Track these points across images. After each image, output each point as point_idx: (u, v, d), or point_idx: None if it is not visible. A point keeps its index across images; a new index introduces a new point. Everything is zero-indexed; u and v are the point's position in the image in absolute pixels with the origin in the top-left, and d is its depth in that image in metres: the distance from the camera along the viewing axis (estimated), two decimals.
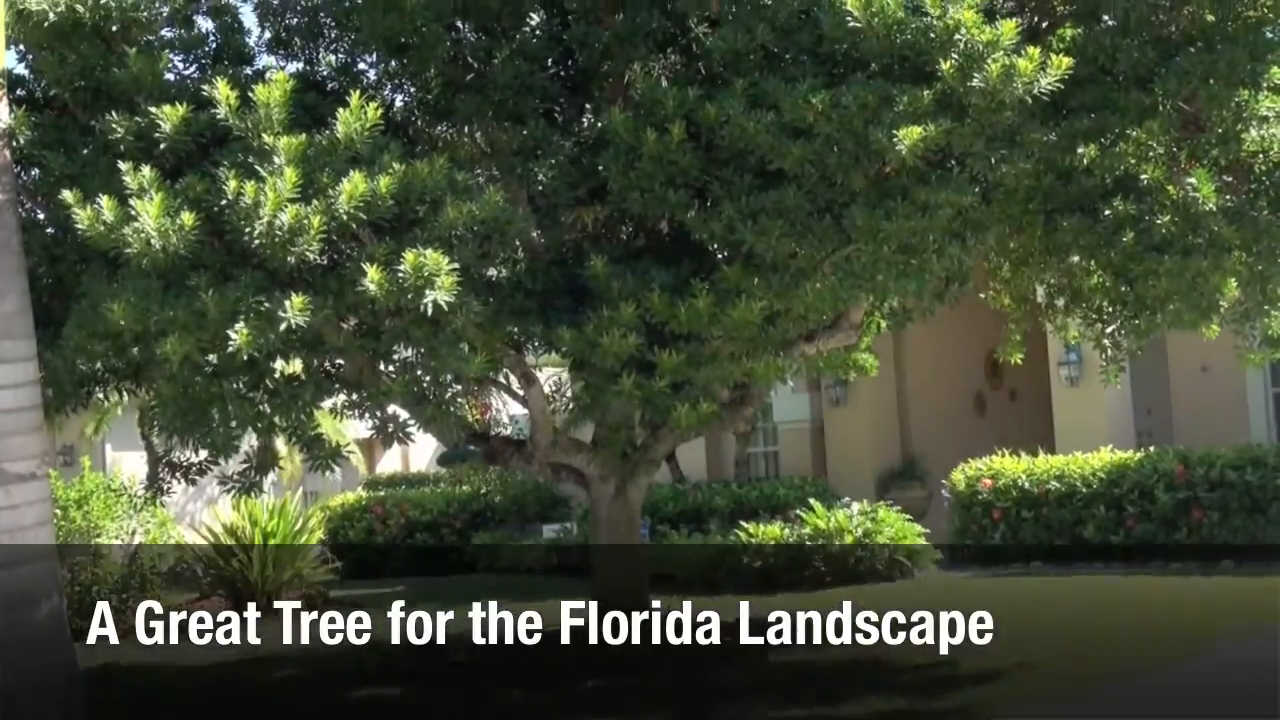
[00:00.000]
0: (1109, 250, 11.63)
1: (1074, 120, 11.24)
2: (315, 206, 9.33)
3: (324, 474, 11.82)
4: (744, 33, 10.82)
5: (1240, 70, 11.08)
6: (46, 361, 11.06)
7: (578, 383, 12.63)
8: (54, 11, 10.69)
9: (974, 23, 9.70)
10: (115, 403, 19.48)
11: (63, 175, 10.52)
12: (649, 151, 10.52)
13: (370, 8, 11.43)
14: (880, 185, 10.27)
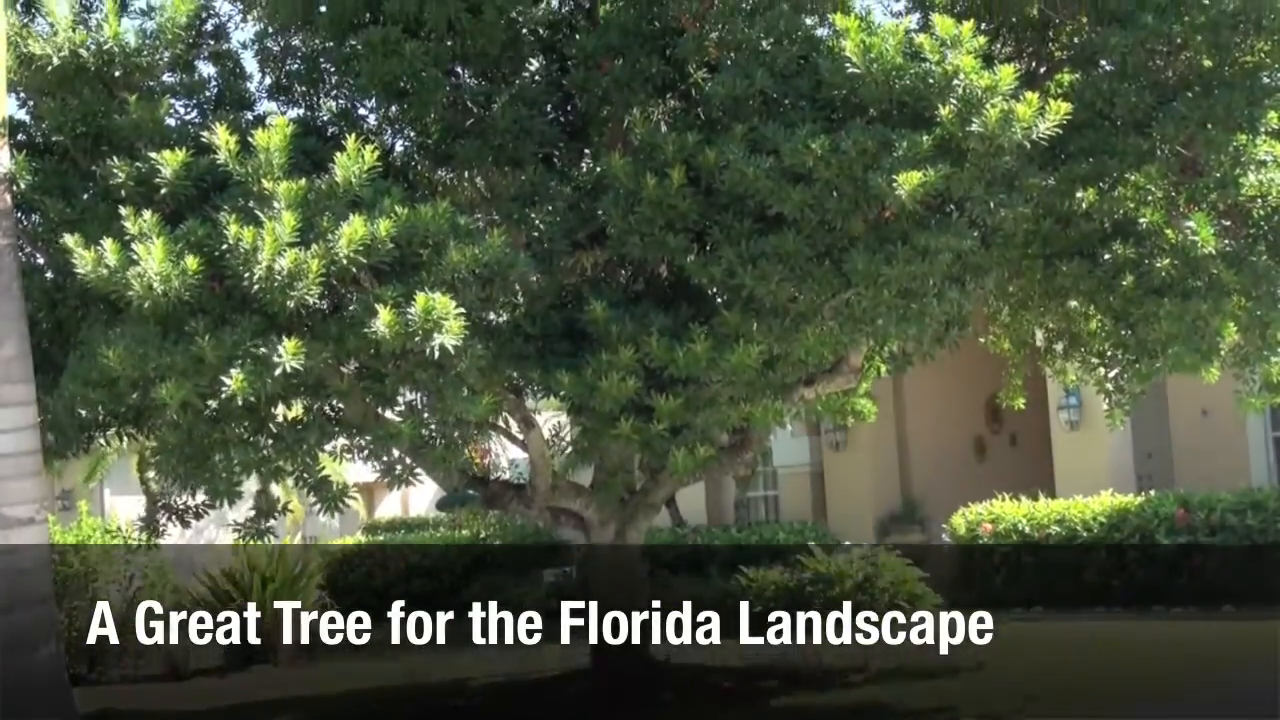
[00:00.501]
0: (1108, 294, 11.65)
1: (1072, 165, 11.28)
2: (315, 250, 9.34)
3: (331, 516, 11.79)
4: (743, 78, 10.86)
5: (1238, 115, 11.13)
6: (46, 406, 11.06)
7: (577, 427, 12.62)
8: (57, 56, 10.76)
9: (972, 68, 9.75)
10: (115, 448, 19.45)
11: (63, 220, 10.54)
12: (648, 196, 10.54)
13: (370, 54, 11.47)
14: (880, 230, 10.28)
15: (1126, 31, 11.40)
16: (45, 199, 10.87)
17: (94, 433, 12.53)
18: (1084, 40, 12.24)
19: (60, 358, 10.95)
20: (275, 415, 11.02)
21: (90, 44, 10.76)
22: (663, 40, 12.07)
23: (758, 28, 11.17)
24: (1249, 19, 11.49)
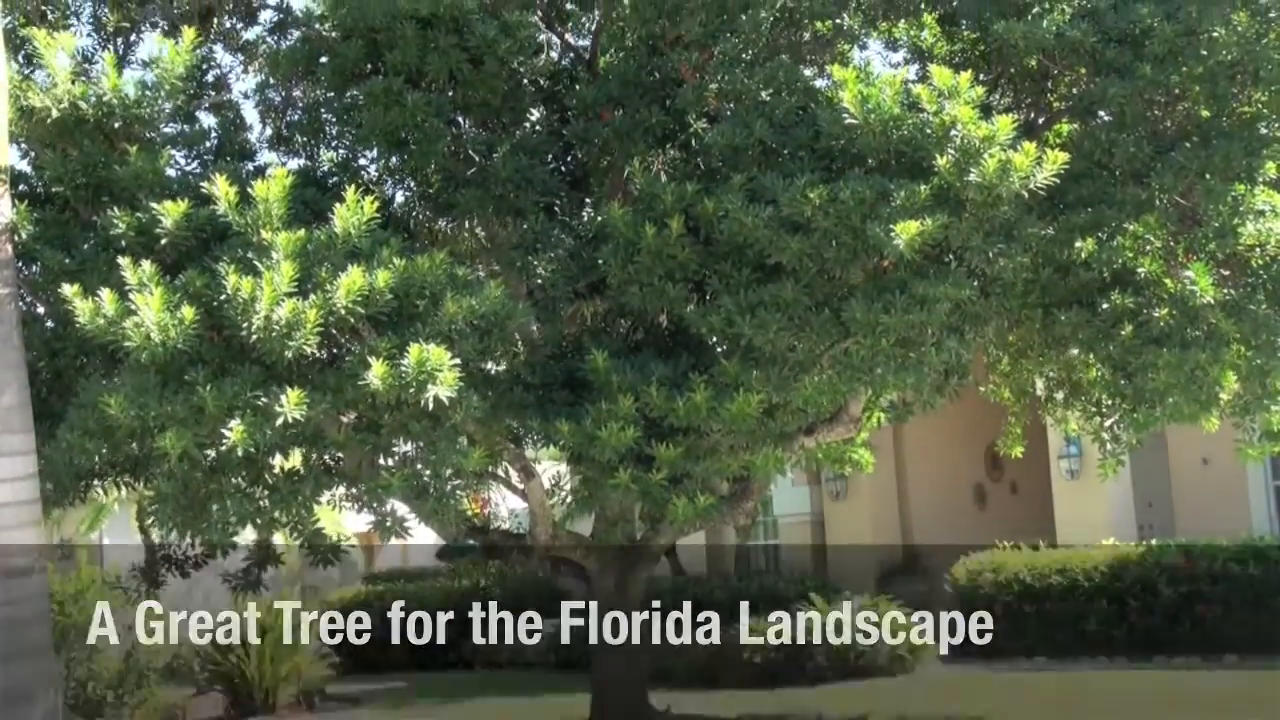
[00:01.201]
0: (1107, 343, 11.64)
1: (1071, 214, 11.31)
2: (313, 301, 9.33)
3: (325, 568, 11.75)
4: (742, 129, 10.91)
5: (1236, 165, 11.17)
6: (45, 456, 11.03)
7: (576, 476, 12.58)
8: (57, 108, 10.78)
9: (970, 119, 9.78)
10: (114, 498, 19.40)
11: (63, 271, 10.54)
12: (648, 246, 10.57)
13: (372, 104, 11.52)
14: (878, 279, 10.29)
15: (1124, 82, 11.46)
16: (46, 249, 10.87)
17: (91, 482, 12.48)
18: (1082, 91, 12.28)
19: (60, 407, 10.92)
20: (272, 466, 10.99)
21: (90, 96, 10.78)
22: (662, 91, 12.14)
23: (757, 78, 11.24)
24: (1246, 70, 11.55)
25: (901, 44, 13.34)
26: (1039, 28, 11.64)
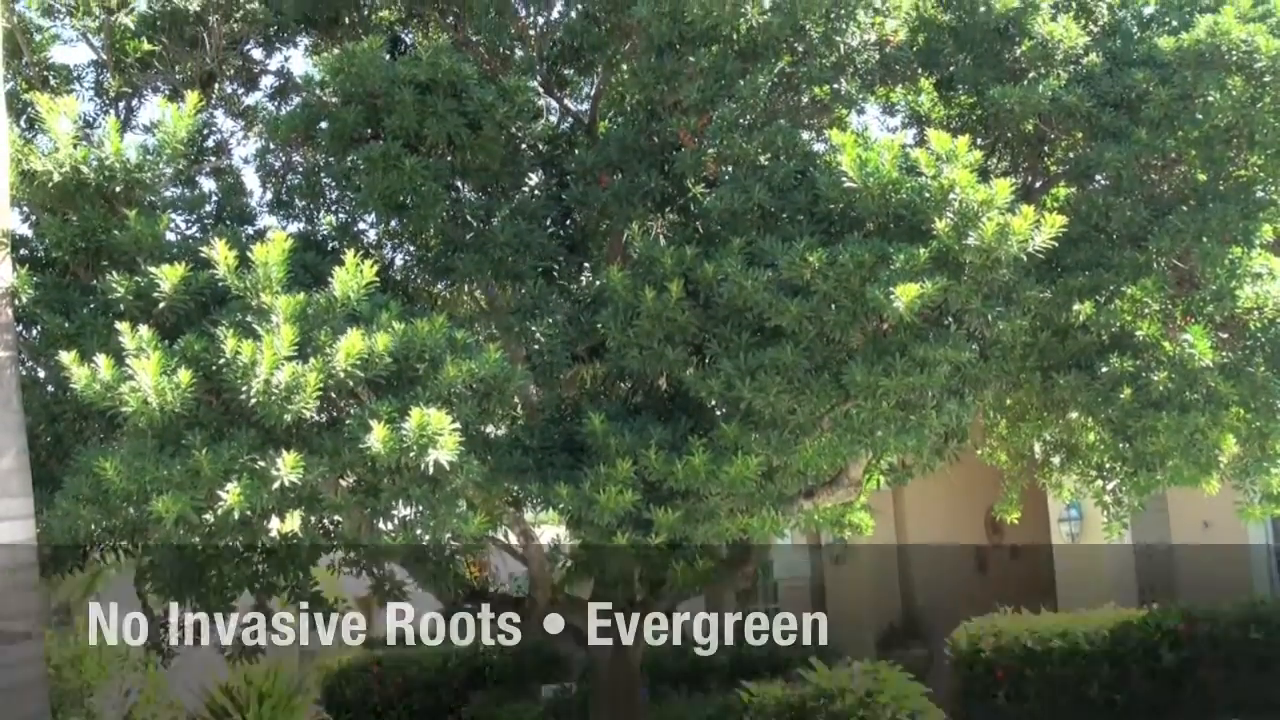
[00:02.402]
0: (1107, 407, 11.63)
1: (1069, 278, 11.34)
2: (313, 364, 9.32)
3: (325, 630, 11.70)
4: (741, 192, 10.94)
5: (1232, 228, 11.21)
6: (43, 520, 11.00)
7: (576, 540, 12.56)
8: (58, 172, 10.81)
9: (968, 182, 9.81)
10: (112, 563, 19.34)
11: (61, 335, 10.54)
12: (647, 309, 10.57)
13: (370, 169, 11.55)
14: (878, 342, 10.29)
15: (1121, 146, 11.51)
16: (45, 313, 10.87)
17: (88, 548, 12.46)
18: (1079, 155, 12.33)
19: (59, 472, 10.90)
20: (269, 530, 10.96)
21: (92, 160, 10.82)
22: (661, 155, 12.19)
23: (755, 143, 11.27)
24: (1242, 134, 11.62)
25: (899, 109, 13.42)
26: (1035, 93, 11.71)
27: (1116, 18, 13.07)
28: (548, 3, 13.43)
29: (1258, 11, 11.85)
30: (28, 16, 13.59)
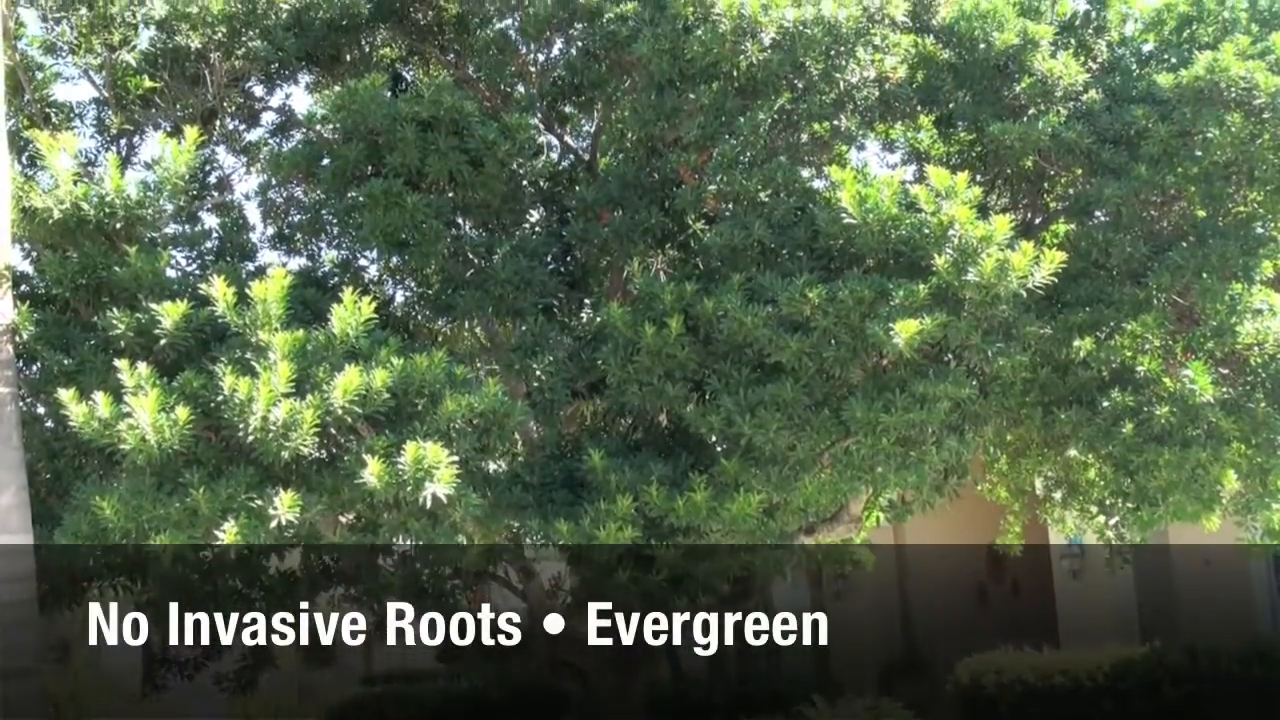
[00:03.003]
0: (1108, 442, 11.63)
1: (1069, 314, 11.34)
2: (310, 401, 9.30)
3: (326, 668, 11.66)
4: (741, 229, 10.96)
5: (1232, 264, 11.22)
6: (42, 557, 10.99)
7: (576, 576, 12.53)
8: (59, 209, 10.82)
9: (968, 219, 9.83)
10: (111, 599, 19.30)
11: (61, 372, 10.53)
12: (647, 345, 10.57)
13: (372, 205, 11.56)
14: (878, 378, 10.30)
15: (1120, 182, 11.55)
16: (46, 350, 10.88)
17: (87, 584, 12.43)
18: (1078, 191, 12.37)
19: (58, 508, 10.89)
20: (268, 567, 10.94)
21: (92, 197, 10.83)
22: (661, 192, 12.21)
23: (755, 179, 11.29)
24: (1241, 170, 11.65)
25: (898, 145, 13.47)
26: (1034, 129, 11.75)
27: (1116, 55, 13.14)
28: (548, 40, 13.48)
29: (1256, 49, 11.90)
30: (30, 54, 13.62)
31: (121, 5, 13.13)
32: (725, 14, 11.37)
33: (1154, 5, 13.40)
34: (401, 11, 13.38)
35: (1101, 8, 13.29)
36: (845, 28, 11.61)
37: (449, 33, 13.76)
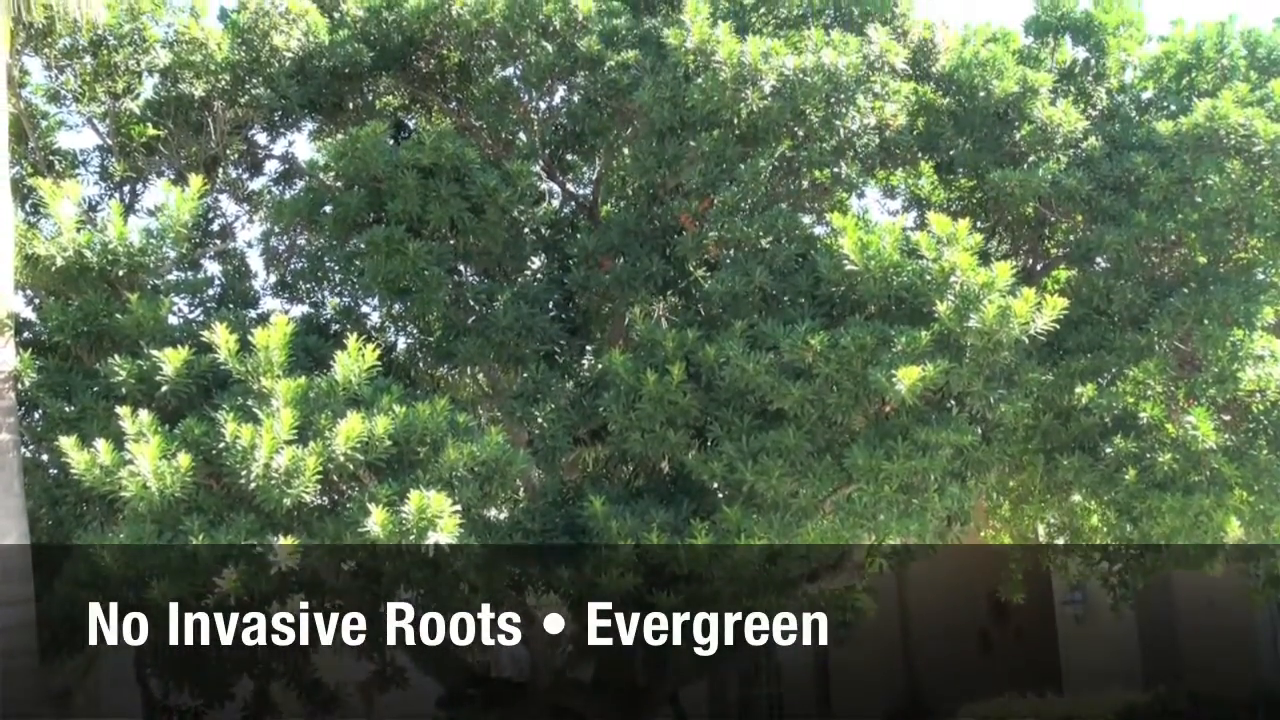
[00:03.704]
0: (1110, 489, 11.61)
1: (1071, 360, 11.35)
2: (312, 448, 9.30)
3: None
4: (742, 276, 10.98)
5: (1234, 311, 11.22)
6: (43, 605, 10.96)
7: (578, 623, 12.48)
8: (61, 256, 10.85)
9: (969, 265, 9.84)
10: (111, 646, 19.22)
11: (63, 419, 10.52)
12: (649, 392, 10.56)
13: (374, 252, 11.58)
14: (880, 425, 10.29)
15: (1121, 229, 11.57)
16: (47, 397, 10.88)
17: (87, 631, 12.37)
18: (1079, 238, 12.38)
19: (59, 556, 10.87)
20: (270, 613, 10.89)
21: (95, 244, 10.86)
22: (663, 239, 12.24)
23: (756, 226, 11.32)
24: (1241, 216, 11.66)
25: (899, 192, 13.51)
26: (1034, 176, 11.78)
27: (1115, 102, 13.19)
28: (550, 88, 13.53)
29: (1255, 96, 11.95)
30: (34, 103, 13.70)
31: (125, 54, 13.22)
32: (726, 62, 11.42)
33: (1153, 53, 13.45)
34: (404, 60, 13.42)
35: (1101, 55, 13.34)
36: (845, 75, 11.65)
37: (451, 81, 13.81)
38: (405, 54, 13.35)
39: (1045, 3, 13.53)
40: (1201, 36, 13.12)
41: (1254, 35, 12.93)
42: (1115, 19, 13.25)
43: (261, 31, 13.03)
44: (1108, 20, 13.24)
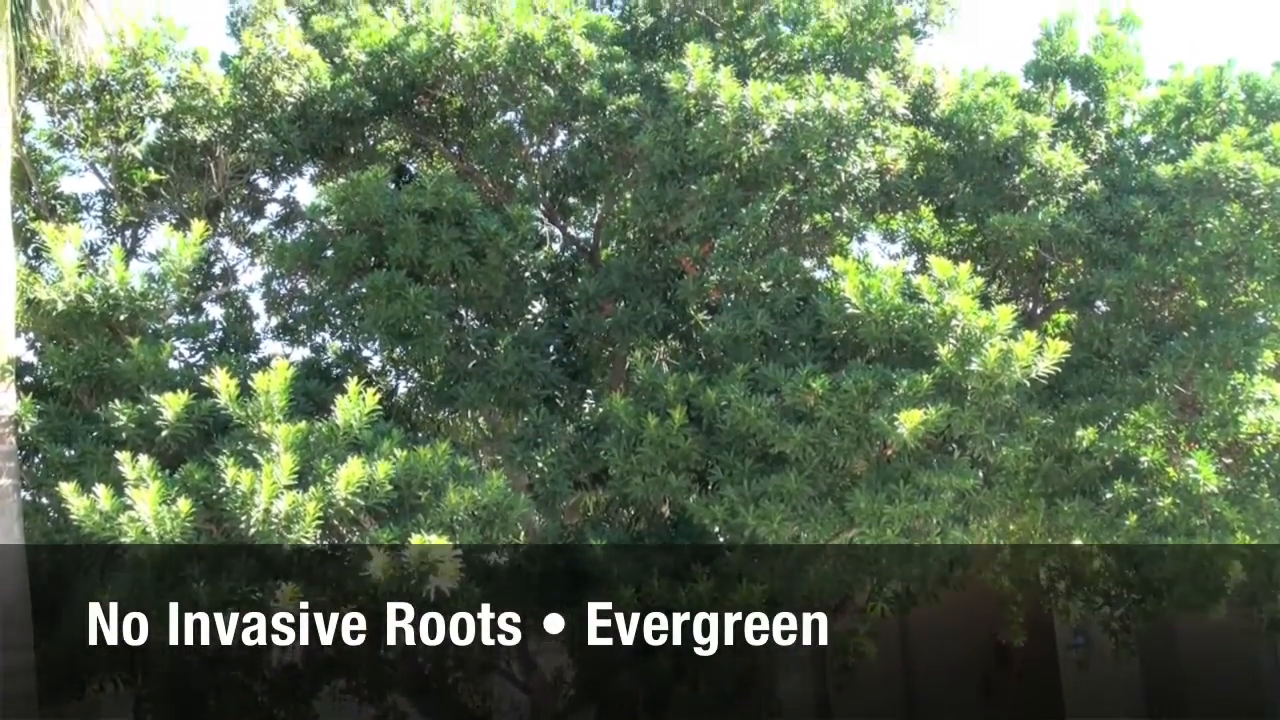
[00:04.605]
0: (1112, 533, 11.57)
1: (1072, 403, 11.33)
2: (313, 493, 9.28)
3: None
4: (743, 319, 10.98)
5: (1234, 354, 11.22)
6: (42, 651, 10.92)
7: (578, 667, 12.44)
8: (63, 300, 10.85)
9: (970, 309, 9.85)
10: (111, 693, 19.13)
11: (63, 464, 10.50)
12: (650, 436, 10.56)
13: (375, 297, 11.58)
14: (882, 469, 10.27)
15: (1121, 273, 11.58)
16: (47, 442, 10.86)
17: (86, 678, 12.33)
18: (1079, 281, 12.40)
19: (59, 600, 10.84)
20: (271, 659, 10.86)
21: (96, 289, 10.87)
22: (664, 282, 12.25)
23: (757, 270, 11.33)
24: (1241, 260, 11.67)
25: (900, 236, 13.53)
26: (1034, 220, 11.80)
27: (1115, 146, 13.22)
28: (551, 132, 13.57)
29: (1254, 140, 11.98)
30: (37, 148, 13.74)
31: (128, 99, 13.26)
32: (727, 106, 11.46)
33: (1152, 97, 13.49)
34: (405, 105, 13.47)
35: (1100, 100, 13.38)
36: (846, 120, 11.68)
37: (452, 125, 13.86)
38: (407, 98, 13.39)
39: (1044, 47, 13.58)
40: (1200, 81, 13.16)
41: (1252, 79, 12.97)
42: (1114, 64, 13.29)
43: (264, 77, 13.09)
44: (1106, 65, 13.28)
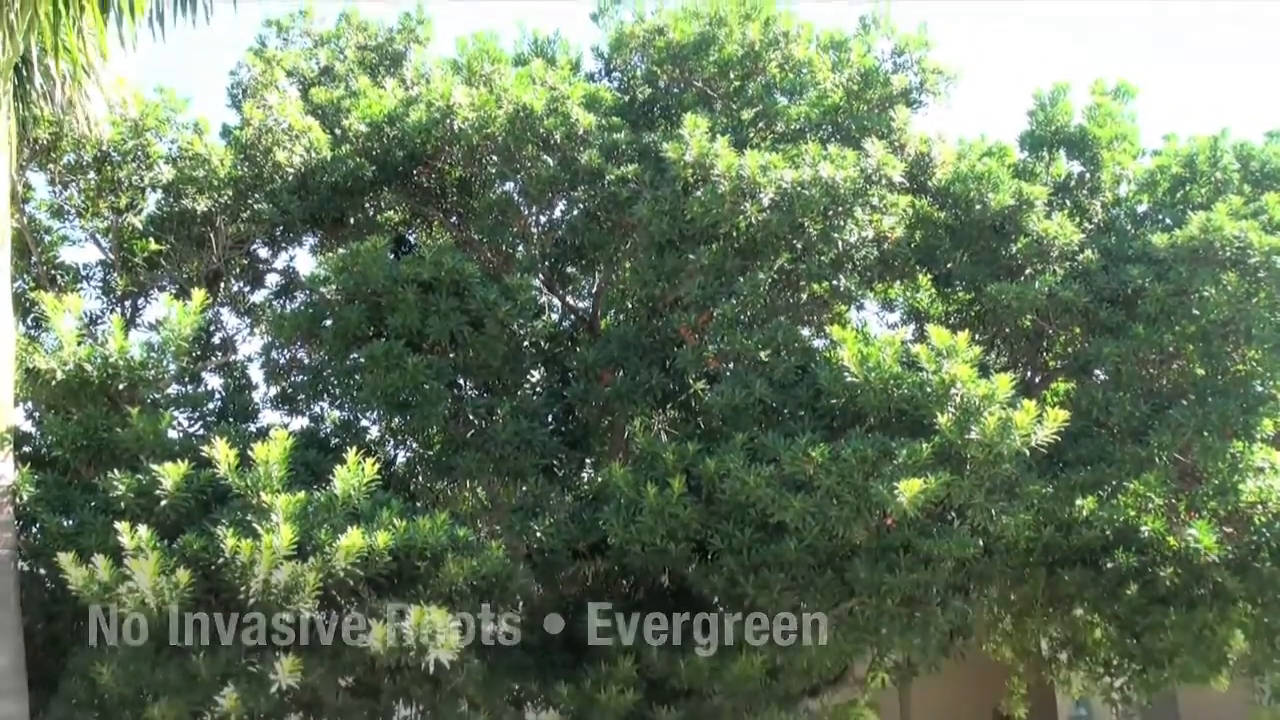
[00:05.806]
0: (1113, 603, 11.56)
1: (1071, 472, 11.32)
2: (312, 563, 9.25)
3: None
4: (742, 388, 10.98)
5: (1233, 422, 11.23)
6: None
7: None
8: (62, 370, 10.85)
9: (969, 377, 9.85)
10: None
11: (61, 534, 10.46)
12: (649, 505, 10.53)
13: (373, 367, 11.60)
14: (882, 538, 10.25)
15: (1119, 341, 11.60)
16: (45, 512, 10.82)
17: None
18: (1077, 350, 12.43)
19: (55, 673, 10.76)
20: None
21: (96, 358, 10.87)
22: (662, 351, 12.27)
23: (756, 339, 11.35)
24: (1238, 328, 11.70)
25: (898, 304, 13.53)
26: (1031, 289, 11.84)
27: (1111, 215, 13.27)
28: (550, 201, 13.62)
29: (1249, 209, 12.03)
30: (38, 218, 13.78)
31: (129, 169, 13.31)
32: (724, 175, 11.51)
33: (1147, 166, 13.56)
34: (405, 175, 13.54)
35: (1095, 169, 13.45)
36: (843, 189, 11.73)
37: (452, 195, 13.92)
38: (406, 169, 13.46)
39: (1039, 117, 13.67)
40: (1195, 150, 13.23)
41: (1246, 148, 13.04)
42: (1109, 133, 13.37)
43: (264, 147, 13.15)
44: (1102, 134, 13.36)
